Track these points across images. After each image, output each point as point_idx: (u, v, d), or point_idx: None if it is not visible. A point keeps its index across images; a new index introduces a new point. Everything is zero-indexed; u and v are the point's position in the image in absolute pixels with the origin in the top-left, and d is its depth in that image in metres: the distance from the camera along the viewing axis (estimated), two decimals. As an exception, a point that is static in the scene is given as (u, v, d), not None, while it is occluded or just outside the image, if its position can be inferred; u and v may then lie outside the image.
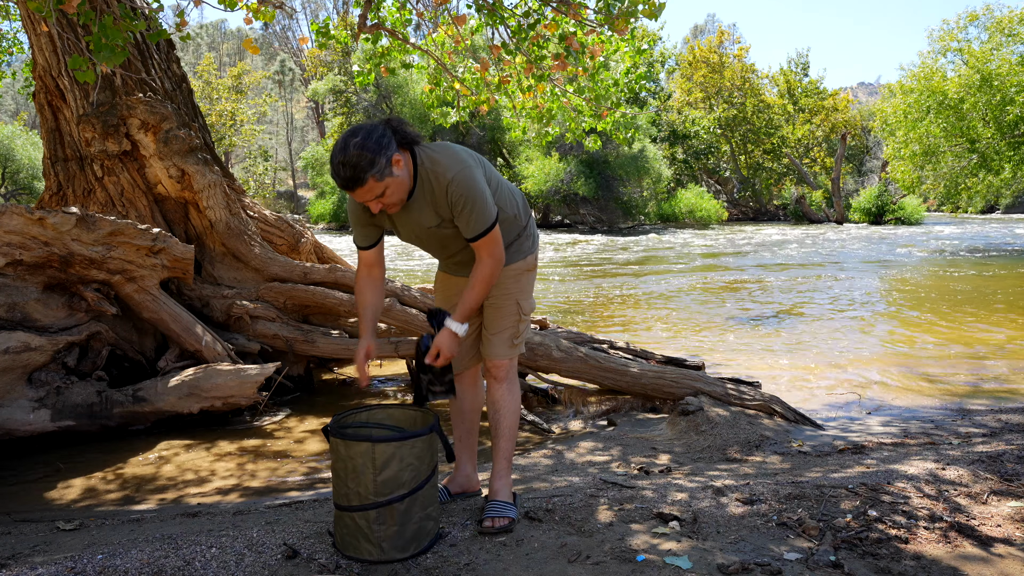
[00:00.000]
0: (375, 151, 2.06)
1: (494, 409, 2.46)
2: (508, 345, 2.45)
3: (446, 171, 2.18)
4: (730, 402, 4.15)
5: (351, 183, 2.07)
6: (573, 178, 26.91)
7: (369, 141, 2.07)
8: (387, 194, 2.13)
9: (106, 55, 3.39)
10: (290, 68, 49.82)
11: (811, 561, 2.00)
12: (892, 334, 6.99)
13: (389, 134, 2.13)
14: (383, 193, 2.12)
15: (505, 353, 2.45)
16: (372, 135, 2.08)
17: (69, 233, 3.89)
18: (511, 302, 2.44)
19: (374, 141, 2.07)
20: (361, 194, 2.10)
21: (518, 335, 2.47)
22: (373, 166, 2.06)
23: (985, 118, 17.90)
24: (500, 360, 2.44)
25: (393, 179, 2.12)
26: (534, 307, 2.55)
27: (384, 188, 2.11)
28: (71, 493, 3.26)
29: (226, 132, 33.30)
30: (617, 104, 7.17)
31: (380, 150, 2.07)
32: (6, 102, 47.99)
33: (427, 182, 2.21)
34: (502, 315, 2.44)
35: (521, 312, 2.46)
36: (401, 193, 2.17)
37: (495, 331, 2.44)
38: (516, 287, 2.45)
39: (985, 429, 3.83)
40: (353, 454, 2.09)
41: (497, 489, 2.40)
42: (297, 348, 4.83)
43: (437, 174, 2.19)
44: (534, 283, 2.55)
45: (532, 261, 2.50)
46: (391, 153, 2.10)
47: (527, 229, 2.49)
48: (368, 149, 2.05)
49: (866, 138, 42.76)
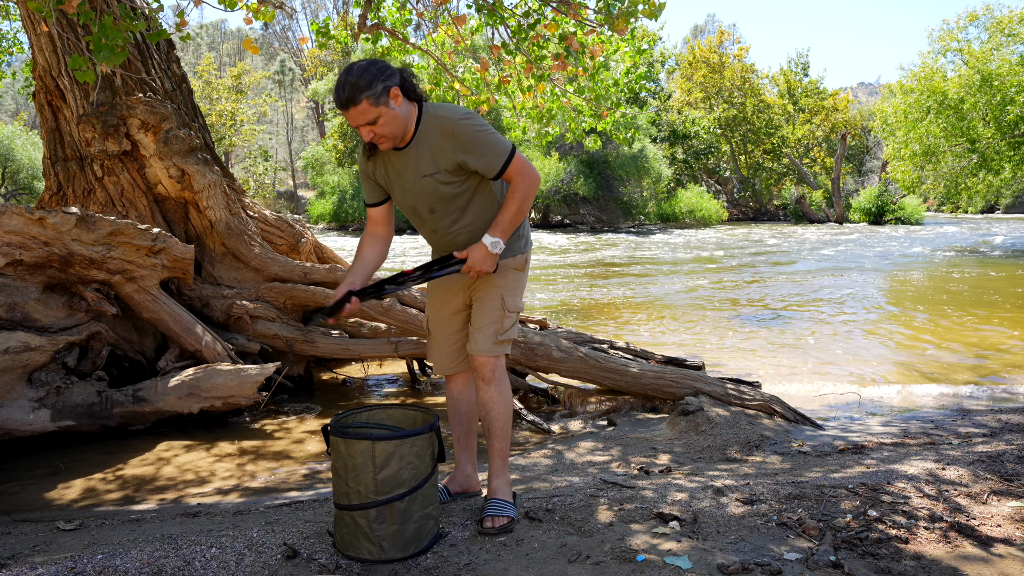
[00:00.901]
0: (375, 76, 2.14)
1: (485, 411, 2.43)
2: (493, 341, 2.40)
3: (452, 114, 2.24)
4: (730, 402, 4.15)
5: (347, 102, 2.13)
6: (573, 178, 26.91)
7: (373, 67, 2.15)
8: (379, 123, 2.18)
9: (106, 55, 3.39)
10: (290, 68, 49.80)
11: (811, 561, 2.00)
12: (892, 334, 7.00)
13: (394, 70, 2.20)
14: (375, 121, 2.17)
15: (490, 349, 2.40)
16: (378, 63, 2.18)
17: (69, 233, 3.89)
18: (496, 295, 2.42)
19: (377, 68, 2.16)
20: (354, 115, 2.16)
21: (503, 331, 2.42)
22: (370, 87, 2.13)
23: (985, 118, 17.90)
24: (484, 356, 2.40)
25: (388, 110, 2.17)
26: (521, 308, 2.52)
27: (377, 116, 2.16)
28: (71, 493, 3.26)
29: (226, 132, 33.29)
30: (617, 104, 7.17)
31: (380, 77, 2.15)
32: (6, 102, 47.99)
33: (430, 129, 2.26)
34: (486, 309, 2.42)
35: (506, 307, 2.43)
36: (394, 127, 2.21)
37: (479, 326, 2.42)
38: (503, 281, 2.43)
39: (985, 429, 3.83)
40: (353, 452, 2.09)
41: (496, 488, 2.39)
42: (297, 348, 4.83)
43: (442, 118, 2.24)
44: (524, 284, 2.52)
45: (522, 261, 2.48)
46: (391, 84, 2.17)
47: (520, 228, 2.47)
48: (369, 73, 2.14)
49: (866, 138, 42.75)
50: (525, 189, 2.29)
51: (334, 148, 31.48)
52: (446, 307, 2.54)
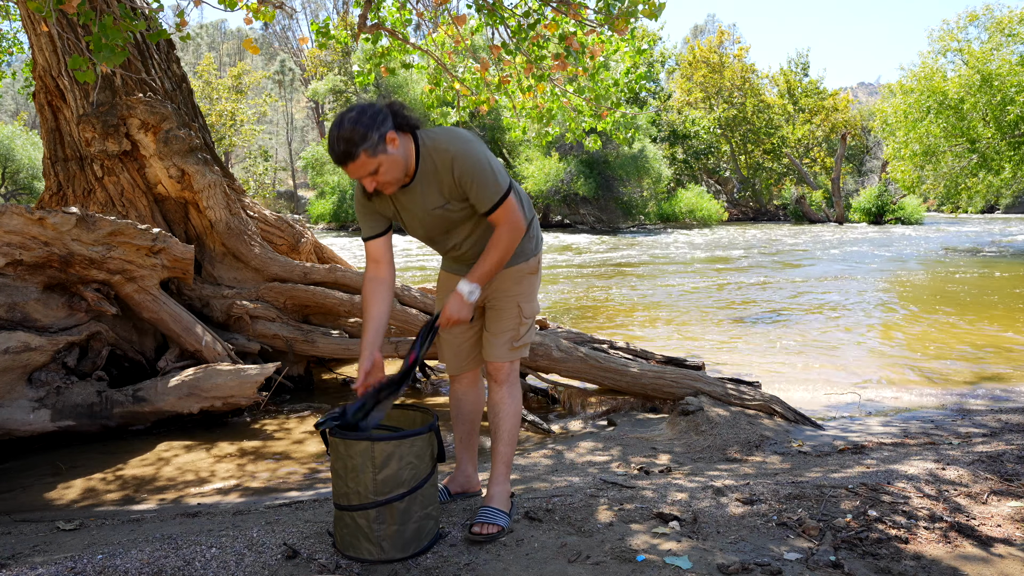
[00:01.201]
0: (368, 126, 2.07)
1: (494, 412, 2.43)
2: (508, 348, 2.41)
3: (448, 146, 2.17)
4: (730, 402, 4.15)
5: (344, 157, 2.08)
6: (573, 178, 26.91)
7: (364, 117, 2.08)
8: (380, 172, 2.12)
9: (106, 55, 3.39)
10: (290, 68, 49.81)
11: (811, 561, 2.00)
12: (892, 334, 6.99)
13: (386, 113, 2.13)
14: (376, 170, 2.11)
15: (505, 356, 2.41)
16: (367, 111, 2.09)
17: (69, 233, 3.89)
18: (512, 304, 2.41)
19: (368, 117, 2.08)
20: (354, 169, 2.10)
21: (519, 338, 2.42)
22: (365, 140, 2.06)
23: (985, 118, 17.89)
24: (500, 362, 2.41)
25: (387, 156, 2.11)
26: (538, 310, 2.51)
27: (377, 165, 2.10)
28: (71, 493, 3.26)
29: (226, 132, 33.29)
30: (617, 104, 7.17)
31: (374, 126, 2.08)
32: (6, 102, 47.99)
33: (430, 162, 2.20)
34: (502, 317, 2.41)
35: (522, 315, 2.42)
36: (396, 172, 2.15)
37: (495, 333, 2.41)
38: (518, 289, 2.41)
39: (985, 429, 3.83)
40: (352, 453, 2.09)
41: (493, 495, 2.36)
42: (297, 348, 4.83)
43: (439, 151, 2.18)
44: (538, 285, 2.51)
45: (535, 263, 2.46)
46: (385, 130, 2.10)
47: (530, 230, 2.44)
48: (362, 124, 2.06)
49: (866, 138, 42.76)
50: (509, 239, 2.24)
51: (334, 148, 31.40)
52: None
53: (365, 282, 2.37)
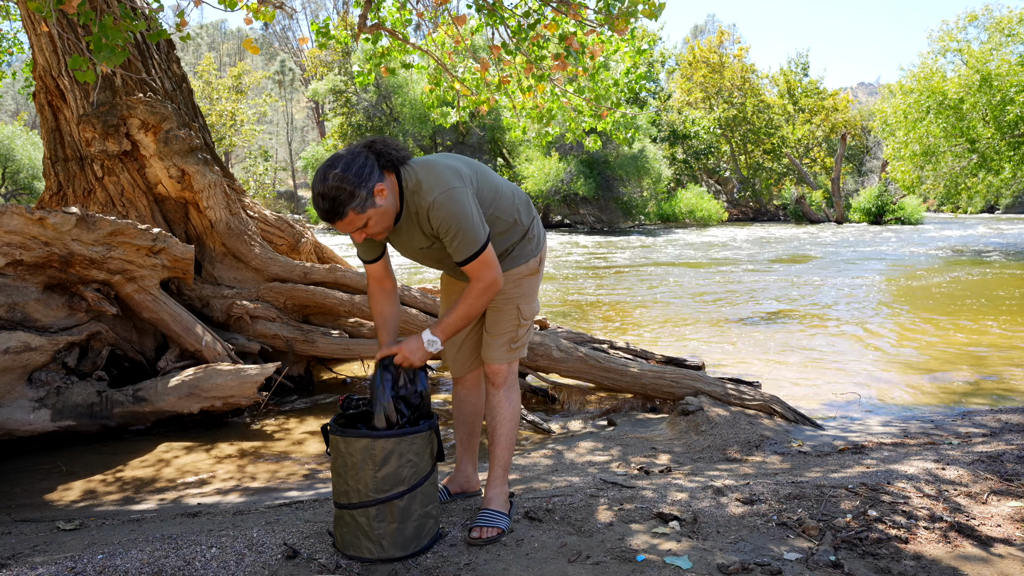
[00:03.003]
0: (356, 184, 1.98)
1: (491, 415, 2.41)
2: (506, 350, 2.39)
3: (427, 195, 2.09)
4: (730, 402, 4.15)
5: (330, 216, 2.00)
6: (573, 178, 26.91)
7: (349, 172, 1.98)
8: (370, 225, 2.07)
9: (106, 55, 3.39)
10: (290, 68, 49.81)
11: (811, 561, 2.00)
12: (892, 334, 7.00)
13: (372, 162, 2.04)
14: (365, 224, 2.06)
15: (503, 358, 2.39)
16: (352, 165, 2.00)
17: (69, 233, 3.89)
18: (511, 306, 2.39)
19: (354, 172, 1.99)
20: (342, 226, 2.04)
21: (517, 339, 2.41)
22: (353, 199, 1.98)
23: (985, 118, 17.89)
24: (498, 365, 2.39)
25: (376, 210, 2.04)
26: (537, 310, 2.49)
27: (366, 220, 2.04)
28: (71, 493, 3.26)
29: (226, 132, 33.29)
30: (617, 104, 7.17)
31: (361, 182, 1.99)
32: (6, 102, 47.99)
33: (412, 205, 2.13)
34: (501, 319, 2.39)
35: (521, 317, 2.40)
36: (386, 222, 2.10)
37: (494, 334, 2.40)
38: (517, 291, 2.39)
39: (985, 429, 3.83)
40: (352, 450, 2.09)
41: (491, 497, 2.35)
42: (297, 348, 4.83)
43: (419, 196, 2.10)
44: (538, 286, 2.49)
45: (535, 264, 2.43)
46: (373, 184, 2.01)
47: (530, 231, 2.41)
48: (348, 182, 1.97)
49: (866, 138, 42.77)
50: (475, 297, 2.17)
51: (334, 148, 31.50)
52: None
53: (371, 295, 2.37)
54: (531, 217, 2.43)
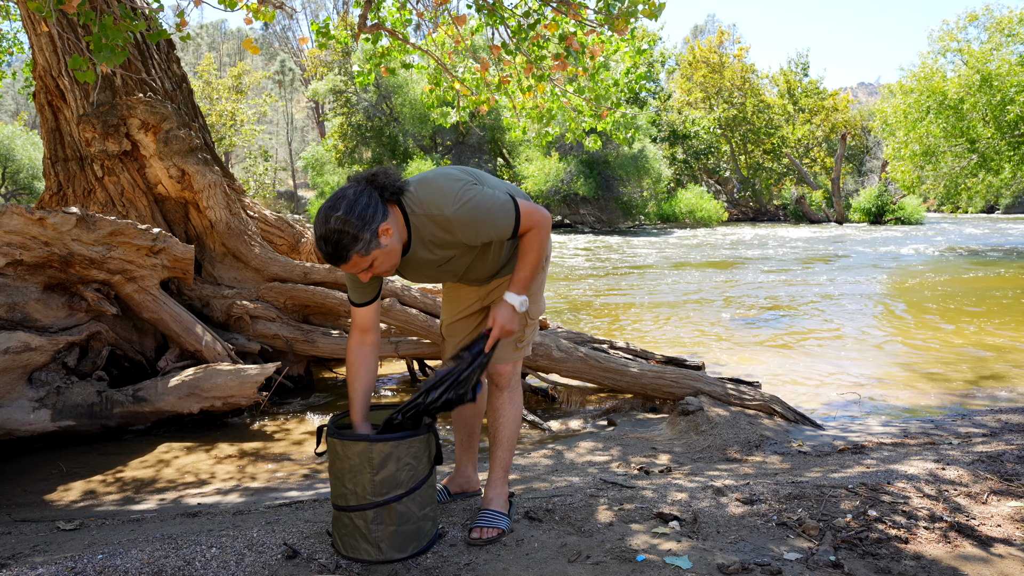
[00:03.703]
0: (359, 227, 1.90)
1: (494, 417, 2.41)
2: (511, 349, 2.38)
3: (442, 210, 2.03)
4: (730, 402, 4.15)
5: (333, 259, 1.93)
6: (573, 178, 26.91)
7: (352, 215, 1.90)
8: (375, 265, 2.00)
9: (106, 55, 3.40)
10: (290, 68, 49.81)
11: (811, 561, 2.00)
12: (892, 334, 7.00)
13: (376, 200, 1.96)
14: (371, 265, 1.99)
15: (509, 357, 2.38)
16: (355, 207, 1.91)
17: (69, 233, 3.89)
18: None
19: (357, 215, 1.90)
20: (346, 269, 1.99)
21: (523, 339, 2.40)
22: (356, 242, 1.91)
23: (985, 118, 17.89)
24: (503, 365, 2.38)
25: (381, 250, 1.97)
26: (543, 310, 2.48)
27: (371, 261, 1.97)
28: (71, 493, 3.26)
29: (226, 132, 33.28)
30: (617, 104, 7.17)
31: (364, 224, 1.91)
32: (6, 102, 47.99)
33: (425, 229, 2.08)
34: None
35: (528, 315, 2.39)
36: (392, 260, 2.03)
37: None
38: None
39: (985, 429, 3.83)
40: (350, 454, 2.09)
41: (491, 498, 2.35)
42: (297, 348, 4.83)
43: (432, 216, 2.05)
44: (543, 285, 2.48)
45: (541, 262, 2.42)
46: (377, 225, 1.93)
47: None
48: (350, 225, 1.89)
49: (866, 138, 42.76)
50: (540, 239, 2.16)
51: (334, 148, 31.50)
52: (462, 312, 2.51)
53: (350, 349, 2.24)
54: None
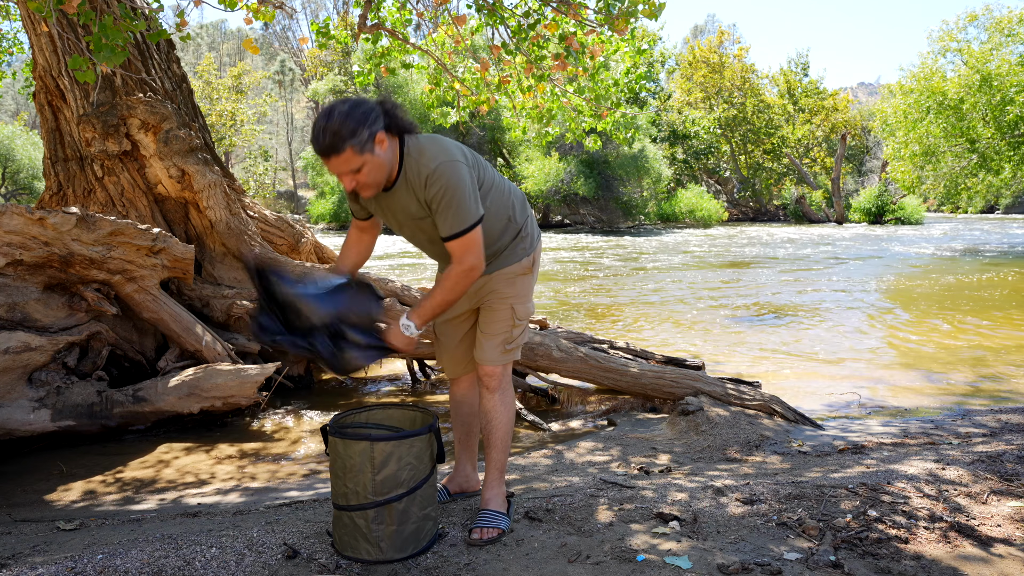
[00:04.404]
0: (360, 122, 1.99)
1: (486, 419, 2.39)
2: (500, 351, 2.35)
3: (429, 161, 2.09)
4: (730, 402, 4.15)
5: (328, 150, 1.99)
6: (573, 178, 26.91)
7: (356, 111, 1.99)
8: (363, 172, 2.04)
9: (106, 55, 3.40)
10: (290, 68, 49.83)
11: (811, 561, 2.00)
12: (892, 334, 7.00)
13: (379, 111, 2.05)
14: (359, 169, 2.03)
15: (497, 359, 2.36)
16: (360, 107, 2.01)
17: (69, 233, 3.89)
18: (505, 306, 2.35)
19: (361, 112, 2.00)
20: (336, 164, 2.01)
21: (511, 340, 2.37)
22: (354, 136, 1.98)
23: (985, 118, 17.90)
24: (492, 367, 2.36)
25: (372, 157, 2.03)
26: (532, 311, 2.46)
27: (361, 164, 2.02)
28: (71, 493, 3.26)
29: (226, 132, 33.29)
30: (617, 104, 7.17)
31: (365, 122, 1.99)
32: (6, 102, 48.00)
33: (412, 172, 2.12)
34: (495, 319, 2.36)
35: (515, 317, 2.36)
36: (378, 175, 2.08)
37: (488, 335, 2.36)
38: (511, 291, 2.36)
39: (985, 429, 3.83)
40: (351, 453, 2.09)
41: (489, 499, 2.34)
42: (297, 348, 4.82)
43: (420, 164, 2.10)
44: (533, 285, 2.46)
45: (528, 263, 2.39)
46: (376, 129, 2.02)
47: (524, 230, 2.39)
48: (352, 119, 1.98)
49: (866, 138, 42.78)
50: (455, 279, 2.13)
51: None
52: (453, 312, 2.49)
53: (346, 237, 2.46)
54: (525, 216, 2.41)
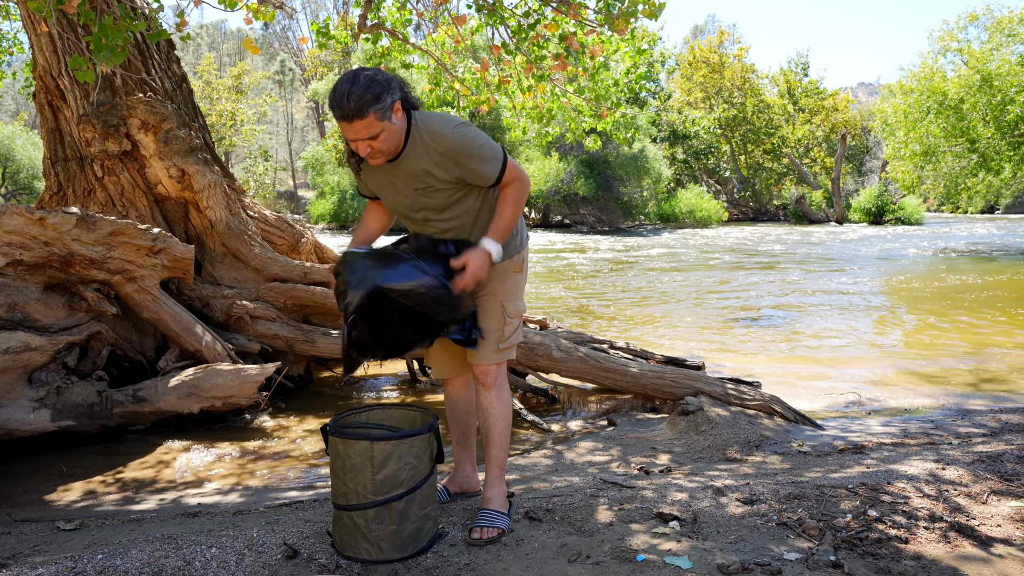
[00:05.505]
0: (384, 88, 2.06)
1: (484, 417, 2.39)
2: (494, 349, 2.35)
3: (444, 126, 2.17)
4: (730, 402, 4.15)
5: (352, 114, 2.02)
6: (573, 178, 26.91)
7: (379, 78, 2.07)
8: (380, 139, 2.10)
9: (106, 55, 3.40)
10: (290, 68, 49.82)
11: (811, 561, 2.00)
12: (892, 334, 7.00)
13: (396, 83, 2.13)
14: (377, 136, 2.08)
15: (491, 358, 2.36)
16: (382, 74, 2.09)
17: (69, 233, 3.89)
18: (495, 303, 2.36)
19: (384, 79, 2.08)
20: (357, 129, 2.05)
21: (504, 339, 2.37)
22: (379, 101, 2.04)
23: (985, 118, 17.89)
24: (486, 365, 2.36)
25: (391, 125, 2.10)
26: (523, 310, 2.45)
27: (380, 130, 2.08)
28: (71, 493, 3.26)
29: (226, 132, 33.28)
30: (617, 104, 7.17)
31: (388, 89, 2.07)
32: (6, 102, 47.99)
33: (419, 142, 2.19)
34: (486, 317, 2.36)
35: (506, 314, 2.36)
36: (391, 143, 2.14)
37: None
38: (502, 288, 2.37)
39: (985, 429, 3.83)
40: (352, 453, 2.09)
41: (489, 498, 2.34)
42: (297, 348, 4.83)
43: (432, 132, 2.17)
44: (523, 284, 2.46)
45: (519, 261, 2.41)
46: (396, 98, 2.09)
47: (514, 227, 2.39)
48: (377, 84, 2.05)
49: (866, 138, 42.76)
50: (519, 193, 2.26)
51: (334, 148, 31.49)
52: None
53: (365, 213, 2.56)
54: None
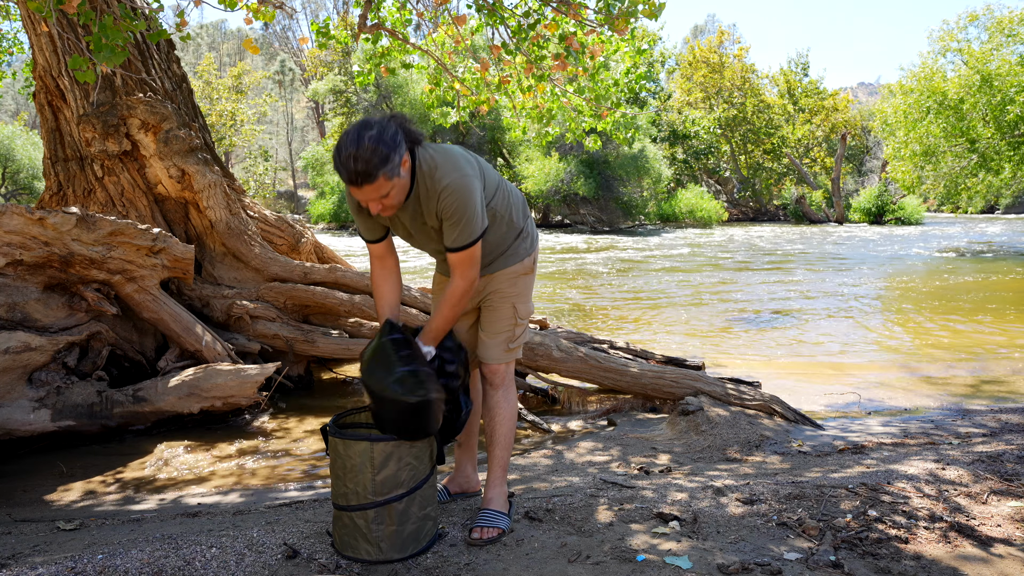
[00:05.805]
0: (390, 147, 1.98)
1: (490, 416, 2.41)
2: (503, 349, 2.39)
3: (443, 177, 2.10)
4: (730, 402, 4.15)
5: (361, 178, 1.96)
6: (573, 178, 26.90)
7: (385, 136, 1.98)
8: (391, 195, 2.05)
9: (106, 55, 3.39)
10: (290, 68, 49.81)
11: (811, 561, 2.00)
12: (892, 334, 6.99)
13: (401, 133, 2.05)
14: (388, 194, 2.04)
15: (500, 358, 2.40)
16: (387, 131, 2.00)
17: (69, 233, 3.89)
18: (507, 305, 2.40)
19: (389, 137, 1.99)
20: (367, 192, 2.00)
21: (514, 339, 2.41)
22: (387, 163, 1.97)
23: (985, 118, 17.89)
24: (495, 364, 2.40)
25: (399, 181, 2.04)
26: (532, 311, 2.49)
27: (391, 188, 2.03)
28: (71, 493, 3.26)
29: (226, 132, 33.27)
30: (617, 104, 7.17)
31: (395, 147, 1.99)
32: (6, 102, 47.99)
33: (423, 185, 2.14)
34: (497, 318, 2.39)
35: (517, 316, 2.40)
36: (401, 196, 2.10)
37: (491, 334, 2.40)
38: (513, 291, 2.40)
39: (985, 429, 3.83)
40: (352, 453, 2.09)
41: (491, 498, 2.35)
42: (297, 348, 4.83)
43: (433, 179, 2.11)
44: (532, 285, 2.49)
45: (530, 263, 2.44)
46: (402, 153, 2.02)
47: (524, 230, 2.43)
48: (384, 144, 1.97)
49: (866, 138, 42.76)
50: (459, 295, 2.19)
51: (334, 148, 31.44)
52: None
53: (372, 274, 2.38)
54: (526, 217, 2.45)
